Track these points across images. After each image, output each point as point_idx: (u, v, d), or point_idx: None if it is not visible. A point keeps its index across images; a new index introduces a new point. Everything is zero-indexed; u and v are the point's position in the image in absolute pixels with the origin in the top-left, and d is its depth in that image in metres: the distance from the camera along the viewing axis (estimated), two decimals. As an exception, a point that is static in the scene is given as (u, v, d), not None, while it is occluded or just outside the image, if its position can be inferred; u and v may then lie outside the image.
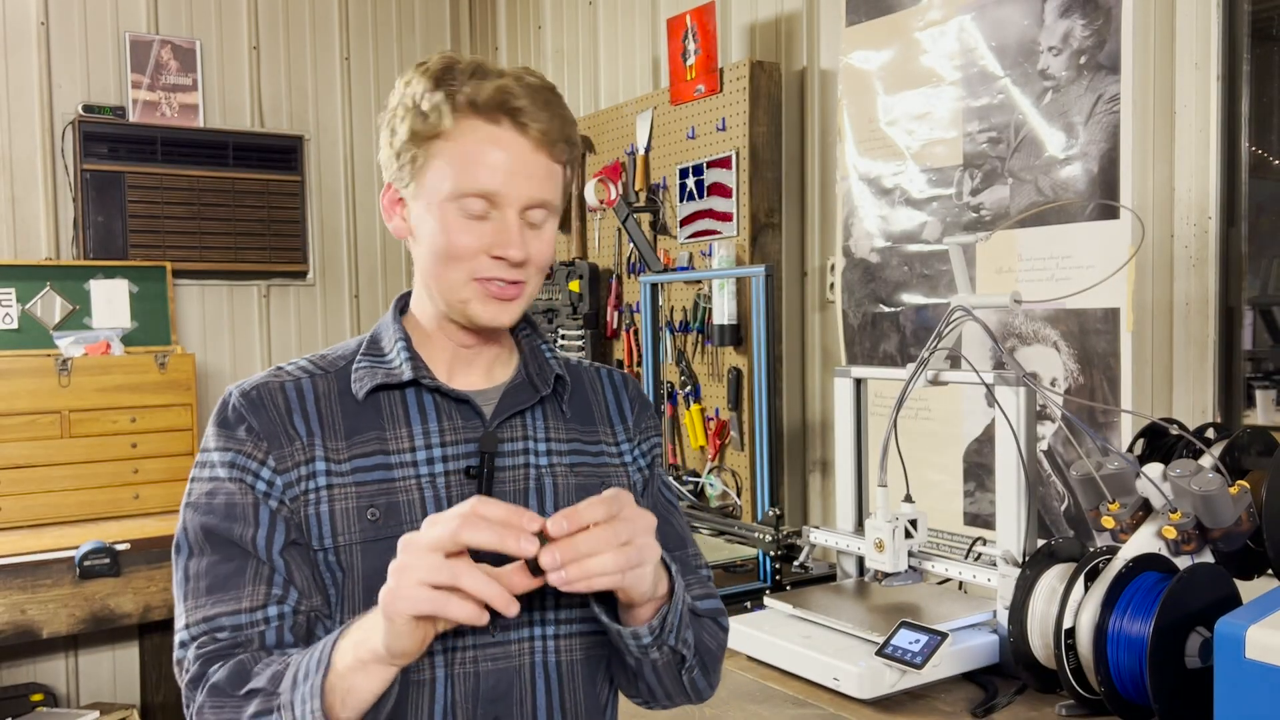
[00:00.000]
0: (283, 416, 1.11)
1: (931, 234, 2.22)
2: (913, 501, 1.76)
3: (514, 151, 1.09)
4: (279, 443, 1.10)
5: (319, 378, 1.15)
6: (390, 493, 1.10)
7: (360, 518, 1.09)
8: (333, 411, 1.13)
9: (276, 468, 1.09)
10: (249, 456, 1.09)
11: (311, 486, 1.09)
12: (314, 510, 1.09)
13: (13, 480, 3.21)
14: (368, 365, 1.16)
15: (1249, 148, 1.85)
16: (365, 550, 1.08)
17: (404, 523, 1.09)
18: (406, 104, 1.11)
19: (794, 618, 1.78)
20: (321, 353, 1.20)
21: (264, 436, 1.10)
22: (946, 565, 1.78)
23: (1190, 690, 1.34)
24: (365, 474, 1.10)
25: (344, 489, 1.09)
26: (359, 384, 1.14)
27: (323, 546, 1.08)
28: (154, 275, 3.72)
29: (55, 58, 3.65)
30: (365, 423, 1.13)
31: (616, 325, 3.14)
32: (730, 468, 2.75)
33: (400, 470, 1.11)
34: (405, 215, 1.15)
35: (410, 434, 1.13)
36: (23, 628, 2.82)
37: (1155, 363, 1.94)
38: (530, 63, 3.96)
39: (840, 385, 1.99)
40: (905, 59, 2.26)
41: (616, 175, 3.08)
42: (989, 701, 1.56)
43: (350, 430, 1.12)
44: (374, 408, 1.13)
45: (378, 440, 1.12)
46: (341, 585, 1.09)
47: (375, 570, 1.07)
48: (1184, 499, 1.47)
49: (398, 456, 1.12)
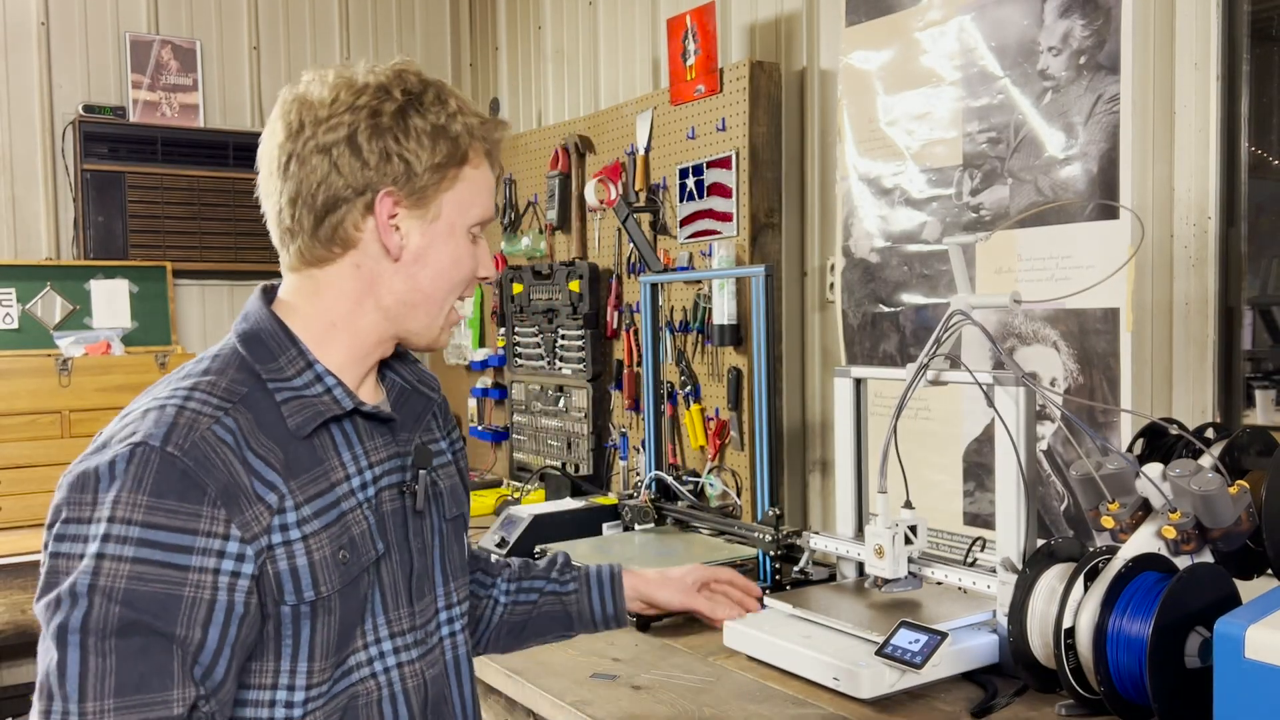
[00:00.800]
0: (235, 473, 0.96)
1: (931, 234, 2.22)
2: (913, 507, 1.76)
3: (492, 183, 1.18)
4: (239, 506, 0.96)
5: (232, 412, 1.00)
6: (347, 527, 1.06)
7: (335, 563, 1.03)
8: (269, 451, 1.01)
9: (243, 536, 0.96)
10: (209, 535, 0.93)
11: (281, 540, 0.99)
12: (287, 565, 0.99)
13: (13, 480, 3.21)
14: (293, 396, 1.05)
15: (1248, 148, 1.85)
16: (344, 595, 1.05)
17: (363, 554, 1.06)
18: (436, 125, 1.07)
19: (794, 617, 1.78)
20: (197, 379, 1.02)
21: (222, 503, 0.94)
22: (946, 571, 1.79)
23: (1190, 690, 1.34)
24: (326, 514, 1.04)
25: (317, 536, 1.02)
26: (297, 419, 1.04)
27: (300, 599, 1.01)
28: (154, 275, 3.72)
29: (55, 58, 3.65)
30: (303, 459, 1.03)
31: (616, 325, 3.14)
32: (730, 468, 2.75)
33: (347, 501, 1.06)
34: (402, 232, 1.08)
35: (342, 461, 1.07)
36: (23, 628, 2.83)
37: (1155, 363, 1.94)
38: (530, 63, 3.96)
39: (840, 385, 1.99)
40: (905, 59, 2.26)
41: (616, 175, 3.08)
42: (989, 701, 1.56)
43: (293, 468, 1.02)
44: (306, 441, 1.05)
45: (322, 476, 1.05)
46: (309, 634, 1.02)
47: (347, 611, 1.05)
48: (1184, 499, 1.47)
49: (342, 487, 1.06)
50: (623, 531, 2.56)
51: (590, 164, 3.31)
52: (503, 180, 3.75)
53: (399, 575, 1.12)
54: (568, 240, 3.40)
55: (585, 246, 3.34)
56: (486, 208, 1.14)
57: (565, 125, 3.46)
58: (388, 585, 1.11)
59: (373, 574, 1.09)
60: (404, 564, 1.13)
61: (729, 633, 1.82)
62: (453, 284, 1.13)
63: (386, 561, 1.11)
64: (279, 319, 1.10)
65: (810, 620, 1.76)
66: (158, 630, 0.91)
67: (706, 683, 1.71)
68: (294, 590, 1.00)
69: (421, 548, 1.16)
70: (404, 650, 1.12)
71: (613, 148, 3.20)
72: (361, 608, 1.08)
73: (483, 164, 1.13)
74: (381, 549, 1.09)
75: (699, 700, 1.64)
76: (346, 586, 1.05)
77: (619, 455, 3.15)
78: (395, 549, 1.12)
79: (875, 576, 1.79)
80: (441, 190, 1.09)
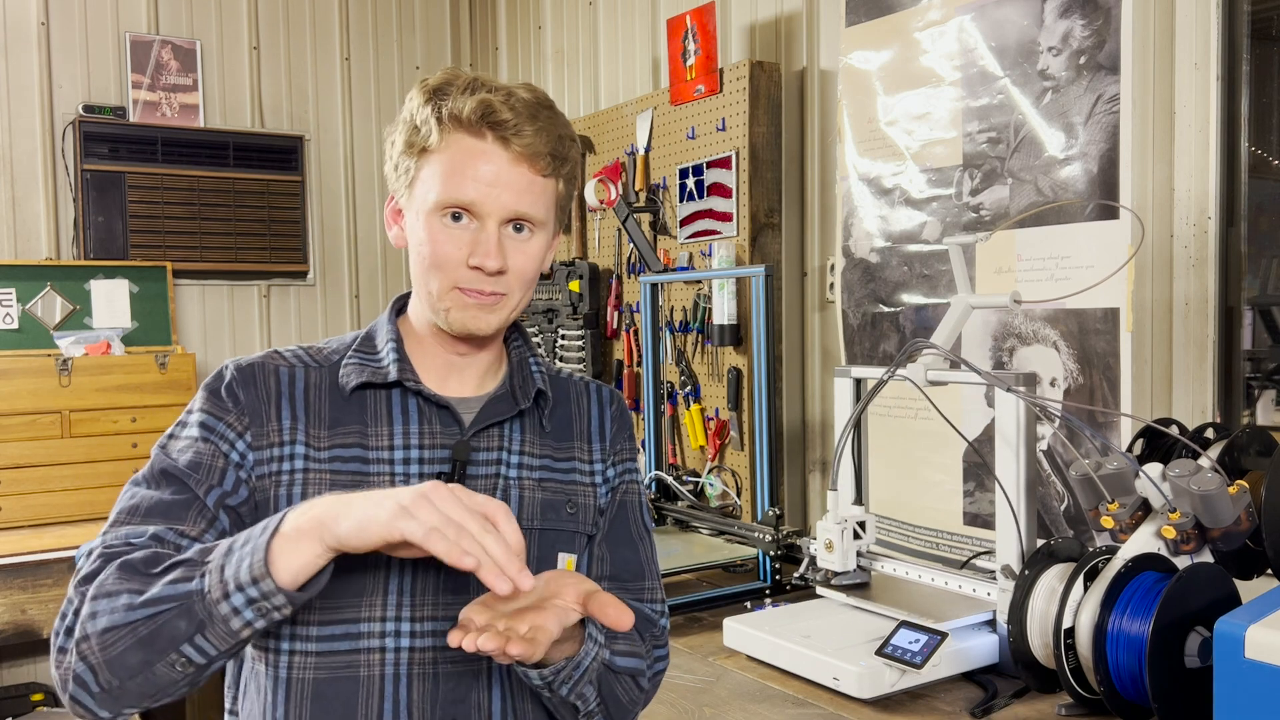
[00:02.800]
0: (271, 397, 1.15)
1: (931, 234, 2.22)
2: (863, 504, 1.89)
3: (494, 164, 1.12)
4: (260, 420, 1.13)
5: (311, 369, 1.18)
6: (362, 484, 1.12)
7: None
8: (320, 401, 1.16)
9: (252, 443, 1.12)
10: (229, 426, 1.13)
11: (286, 469, 1.12)
12: (285, 491, 1.11)
13: (13, 480, 3.21)
14: (357, 362, 1.18)
15: (1248, 148, 1.85)
16: None
17: None
18: (405, 118, 1.16)
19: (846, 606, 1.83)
20: (318, 345, 1.23)
21: (247, 411, 1.13)
22: (946, 578, 1.80)
23: (1189, 690, 1.34)
24: (342, 464, 1.13)
25: (319, 474, 1.12)
26: (346, 378, 1.17)
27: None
28: (154, 275, 3.72)
29: (55, 58, 3.65)
30: (349, 416, 1.16)
31: (616, 325, 3.14)
32: (730, 468, 2.75)
33: (376, 466, 1.14)
34: (403, 225, 1.19)
35: (390, 433, 1.16)
36: (23, 628, 2.82)
37: (1155, 363, 1.94)
38: (530, 63, 3.96)
39: (840, 385, 1.99)
40: (905, 59, 2.26)
41: (616, 175, 3.08)
42: (988, 701, 1.56)
43: (334, 421, 1.15)
44: (359, 404, 1.16)
45: (359, 435, 1.15)
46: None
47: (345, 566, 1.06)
48: (1183, 499, 1.47)
49: (375, 453, 1.14)
50: (623, 531, 2.55)
51: (590, 164, 3.32)
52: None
53: (431, 562, 1.09)
54: (568, 240, 3.40)
55: (585, 246, 3.34)
56: (448, 189, 1.11)
57: (565, 125, 3.46)
58: (419, 568, 1.12)
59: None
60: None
61: (729, 633, 1.82)
62: (424, 263, 1.14)
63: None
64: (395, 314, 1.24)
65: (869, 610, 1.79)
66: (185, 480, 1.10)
67: (706, 683, 1.71)
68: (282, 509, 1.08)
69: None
70: (422, 636, 1.11)
71: (613, 148, 3.20)
72: (368, 572, 1.10)
73: (451, 147, 1.12)
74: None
75: (699, 700, 1.64)
76: None
77: (619, 455, 3.14)
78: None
79: (825, 570, 1.84)
80: (412, 179, 1.15)
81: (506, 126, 1.12)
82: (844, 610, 1.83)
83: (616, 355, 3.17)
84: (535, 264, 1.18)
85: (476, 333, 1.16)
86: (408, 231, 1.18)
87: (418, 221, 1.15)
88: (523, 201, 1.14)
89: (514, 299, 1.17)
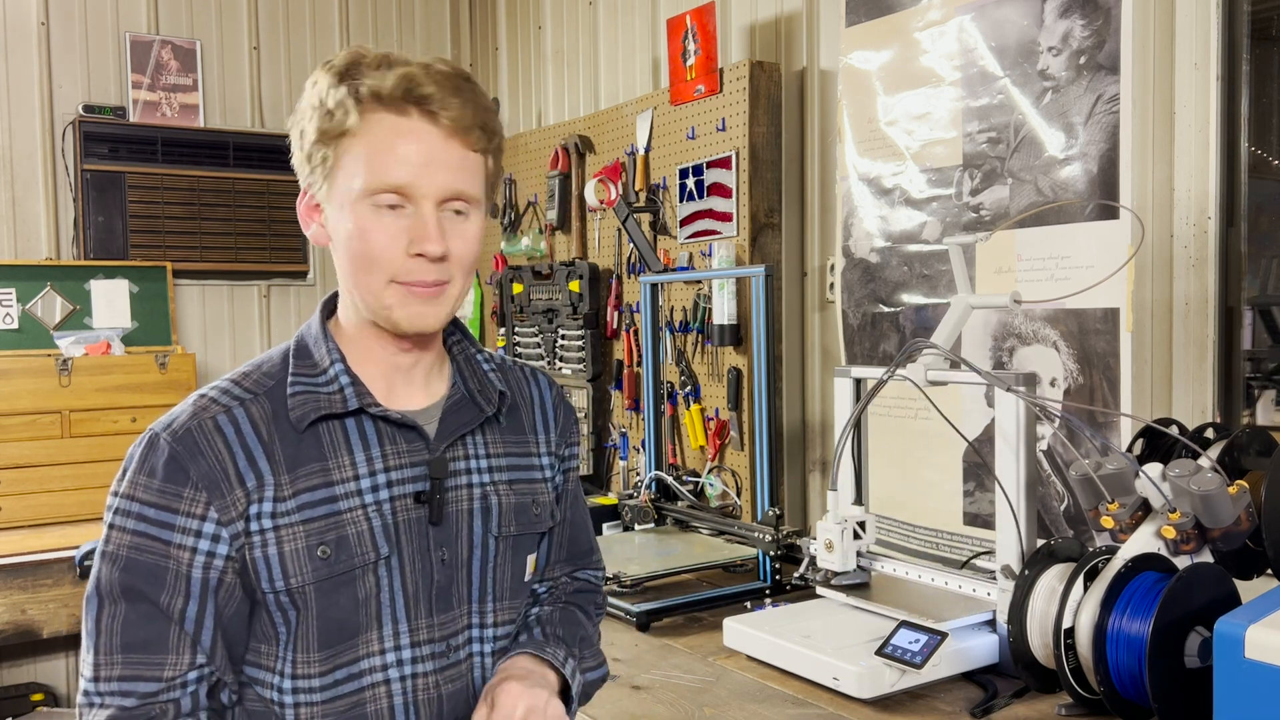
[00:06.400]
0: (222, 460, 1.03)
1: (931, 234, 2.22)
2: (862, 504, 1.89)
3: (425, 141, 1.04)
4: (220, 491, 1.02)
5: (249, 403, 1.07)
6: (339, 526, 1.06)
7: (311, 557, 1.04)
8: (272, 442, 1.05)
9: (220, 519, 1.02)
10: (188, 515, 1.01)
11: (256, 529, 1.03)
12: (261, 553, 1.03)
13: (13, 480, 3.21)
14: (304, 390, 1.08)
15: (1248, 148, 1.85)
16: (319, 589, 1.05)
17: (354, 555, 1.06)
18: (313, 103, 1.06)
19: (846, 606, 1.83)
20: (244, 370, 1.11)
21: (203, 486, 1.02)
22: (946, 578, 1.80)
23: (1189, 690, 1.34)
24: (312, 509, 1.05)
25: (291, 529, 1.04)
26: (298, 412, 1.07)
27: (274, 589, 1.04)
28: (154, 275, 3.72)
29: (55, 58, 3.65)
30: (307, 453, 1.06)
31: (616, 325, 3.14)
32: (730, 468, 2.75)
33: (346, 501, 1.07)
34: (322, 221, 1.10)
35: (353, 461, 1.08)
36: (23, 627, 2.82)
37: (1155, 363, 1.94)
38: (530, 63, 3.96)
39: (840, 385, 1.99)
40: (905, 59, 2.26)
41: (616, 175, 3.08)
42: (988, 701, 1.56)
43: (292, 462, 1.05)
44: (314, 435, 1.07)
45: (321, 472, 1.06)
46: (294, 624, 1.05)
47: (330, 607, 1.05)
48: (1183, 499, 1.47)
49: (342, 486, 1.07)
50: (623, 531, 2.56)
51: (590, 164, 3.32)
52: (502, 180, 3.75)
53: (420, 584, 1.10)
54: (568, 240, 3.40)
55: (585, 246, 3.34)
56: (375, 173, 1.02)
57: (565, 125, 3.46)
58: (409, 593, 1.09)
59: (381, 578, 1.07)
60: (424, 574, 1.10)
61: (729, 633, 1.82)
62: (356, 258, 1.05)
63: (401, 568, 1.08)
64: (325, 318, 1.15)
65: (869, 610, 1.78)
66: (150, 597, 1.01)
67: (706, 683, 1.71)
68: (268, 578, 1.04)
69: (449, 560, 1.12)
70: (421, 661, 1.10)
71: (613, 148, 3.20)
72: (360, 609, 1.07)
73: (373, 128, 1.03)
74: (385, 552, 1.07)
75: (699, 700, 1.64)
76: (327, 582, 1.05)
77: (619, 455, 3.15)
78: (411, 557, 1.09)
79: (825, 570, 1.84)
80: (330, 168, 1.05)
81: (432, 100, 1.03)
82: (844, 610, 1.83)
83: (616, 355, 3.17)
84: (476, 247, 1.10)
85: (425, 329, 1.08)
86: (330, 227, 1.08)
87: (342, 214, 1.05)
88: (459, 179, 1.05)
89: (457, 287, 1.09)
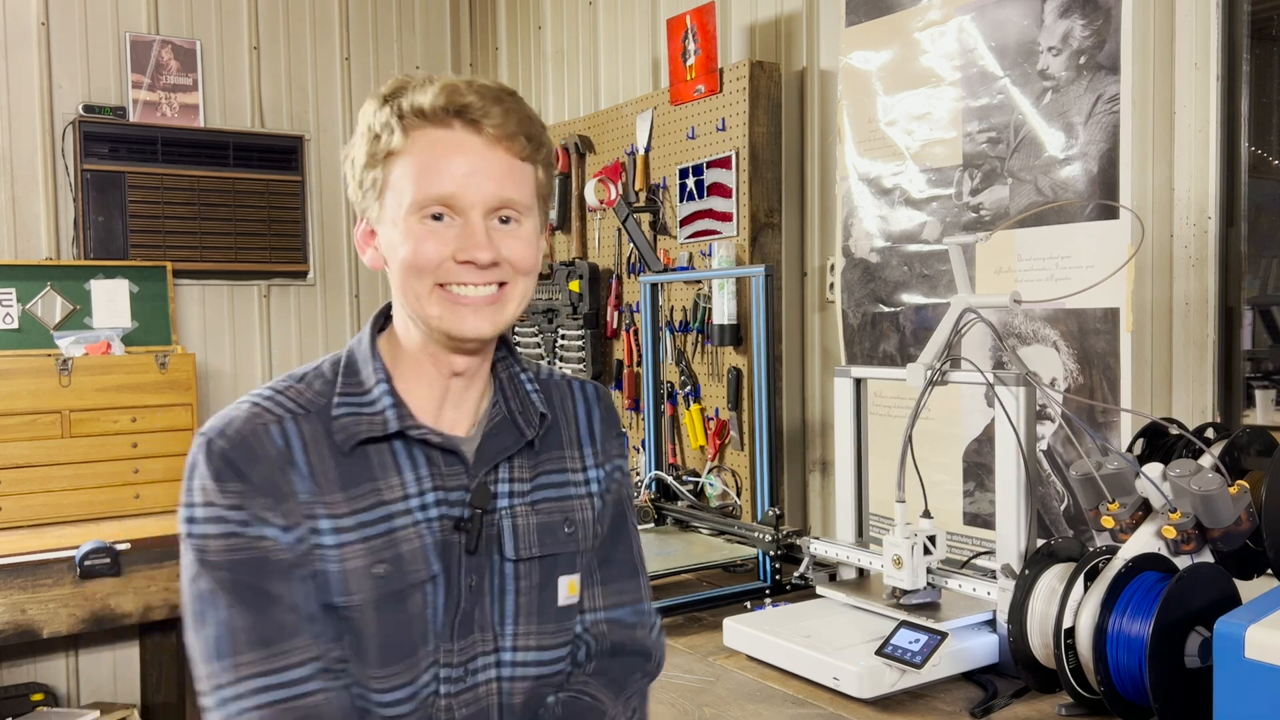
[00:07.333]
0: (277, 469, 1.04)
1: (931, 234, 2.22)
2: (931, 517, 1.73)
3: (470, 151, 1.03)
4: (281, 497, 1.03)
5: (301, 419, 1.07)
6: (395, 544, 1.06)
7: (368, 575, 1.05)
8: (323, 461, 1.06)
9: (285, 524, 1.03)
10: (259, 513, 1.02)
11: (317, 543, 1.04)
12: (323, 567, 1.04)
13: (13, 480, 3.21)
14: (349, 411, 1.08)
15: (1248, 148, 1.85)
16: (378, 606, 1.05)
17: (409, 572, 1.06)
18: (362, 131, 1.07)
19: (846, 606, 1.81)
20: (293, 380, 1.11)
21: (266, 491, 1.03)
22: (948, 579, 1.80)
23: (1190, 690, 1.34)
24: (370, 528, 1.05)
25: (352, 547, 1.04)
26: (343, 434, 1.07)
27: (332, 603, 1.04)
28: (154, 275, 3.72)
29: (55, 58, 3.65)
30: (358, 472, 1.07)
31: (616, 325, 3.14)
32: (730, 468, 2.75)
33: (401, 519, 1.07)
34: (377, 245, 1.10)
35: (402, 481, 1.08)
36: (23, 627, 2.82)
37: (1155, 363, 1.94)
38: (530, 63, 3.96)
39: (840, 385, 1.99)
40: (905, 59, 2.26)
41: (616, 175, 3.08)
42: (988, 701, 1.56)
43: (345, 481, 1.06)
44: (362, 454, 1.07)
45: (374, 491, 1.07)
46: (355, 642, 1.05)
47: (388, 624, 1.05)
48: (1183, 499, 1.47)
49: (396, 505, 1.07)
50: (623, 531, 2.55)
51: (590, 164, 3.32)
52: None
53: (454, 607, 1.10)
54: (568, 240, 3.40)
55: (585, 246, 3.34)
56: (422, 187, 1.03)
57: (565, 125, 3.46)
58: (444, 614, 1.09)
59: (429, 596, 1.07)
60: (452, 598, 1.10)
61: (729, 633, 1.82)
62: (406, 269, 1.04)
63: (446, 589, 1.08)
64: (375, 336, 1.13)
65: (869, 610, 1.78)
66: (266, 591, 1.01)
67: (706, 683, 1.71)
68: (328, 592, 1.04)
69: (475, 586, 1.11)
70: (446, 683, 1.09)
71: (613, 148, 3.20)
72: (414, 626, 1.06)
73: (418, 144, 1.04)
74: (436, 570, 1.08)
75: (699, 700, 1.64)
76: (384, 599, 1.05)
77: (619, 455, 3.14)
78: (452, 580, 1.10)
79: (893, 588, 1.73)
80: (381, 190, 1.06)
81: (473, 109, 1.03)
82: (844, 610, 1.83)
83: (616, 355, 3.17)
84: (532, 250, 1.09)
85: (480, 336, 1.07)
86: (384, 249, 1.08)
87: (394, 231, 1.05)
88: (505, 187, 1.05)
89: (518, 290, 1.08)
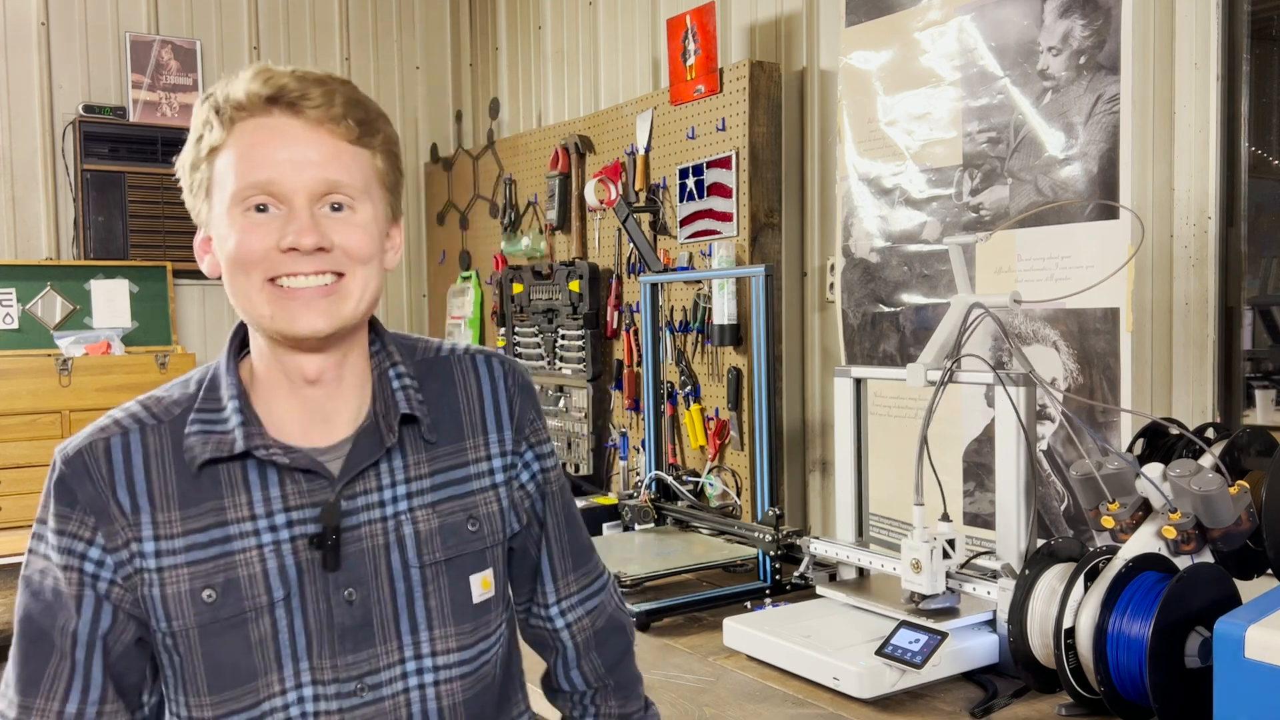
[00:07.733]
0: (107, 487, 1.00)
1: (931, 234, 2.22)
2: (950, 520, 1.69)
3: (289, 135, 0.98)
4: (106, 517, 1.00)
5: (150, 430, 1.03)
6: (229, 568, 1.01)
7: (195, 600, 1.00)
8: (164, 477, 1.01)
9: (106, 545, 1.00)
10: (75, 536, 1.00)
11: (141, 567, 1.00)
12: (146, 592, 1.00)
13: (13, 480, 3.21)
14: (200, 430, 1.02)
15: (1248, 148, 1.85)
16: (203, 634, 1.01)
17: (244, 598, 1.01)
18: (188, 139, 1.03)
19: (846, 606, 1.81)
20: (159, 393, 1.07)
21: (90, 511, 1.00)
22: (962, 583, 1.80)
23: (1190, 690, 1.35)
24: (201, 550, 1.00)
25: (175, 570, 1.00)
26: (191, 453, 1.02)
27: (159, 629, 1.01)
28: (154, 275, 3.72)
29: (55, 58, 3.65)
30: (202, 490, 1.02)
31: (616, 325, 3.14)
32: (730, 468, 2.75)
33: (241, 541, 1.01)
34: (214, 250, 1.03)
35: (250, 500, 1.02)
36: (23, 628, 2.82)
37: (1155, 363, 1.94)
38: (530, 63, 3.96)
39: (840, 385, 1.99)
40: (905, 59, 2.26)
41: (616, 175, 3.08)
42: (988, 701, 1.56)
43: (185, 500, 1.01)
44: (211, 473, 1.02)
45: (214, 511, 1.01)
46: (180, 668, 1.02)
47: (218, 651, 1.01)
48: (1184, 499, 1.47)
49: (237, 526, 1.01)
50: (623, 531, 2.56)
51: (590, 164, 3.32)
52: (502, 180, 3.75)
53: (324, 625, 1.04)
54: (568, 240, 3.40)
55: (585, 246, 3.34)
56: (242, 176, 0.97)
57: (565, 125, 3.46)
58: (312, 632, 1.03)
59: (279, 620, 1.03)
60: (326, 614, 1.04)
61: (729, 633, 1.82)
62: (230, 265, 0.99)
63: (303, 610, 1.04)
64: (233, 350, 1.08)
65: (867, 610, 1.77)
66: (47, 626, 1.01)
67: (706, 683, 1.71)
68: (153, 618, 1.01)
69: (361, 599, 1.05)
70: (324, 700, 1.04)
71: (613, 148, 3.20)
72: (255, 652, 1.02)
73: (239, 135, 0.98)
74: (280, 594, 1.02)
75: (699, 700, 1.64)
76: (214, 625, 1.01)
77: (619, 455, 3.15)
78: (315, 598, 1.04)
79: (912, 593, 1.70)
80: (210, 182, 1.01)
81: (289, 92, 0.97)
82: (844, 610, 1.83)
83: (616, 355, 3.17)
84: (370, 239, 1.01)
85: (314, 333, 0.99)
86: (216, 250, 1.01)
87: (221, 227, 0.99)
88: (330, 169, 0.98)
89: (357, 281, 1.01)
